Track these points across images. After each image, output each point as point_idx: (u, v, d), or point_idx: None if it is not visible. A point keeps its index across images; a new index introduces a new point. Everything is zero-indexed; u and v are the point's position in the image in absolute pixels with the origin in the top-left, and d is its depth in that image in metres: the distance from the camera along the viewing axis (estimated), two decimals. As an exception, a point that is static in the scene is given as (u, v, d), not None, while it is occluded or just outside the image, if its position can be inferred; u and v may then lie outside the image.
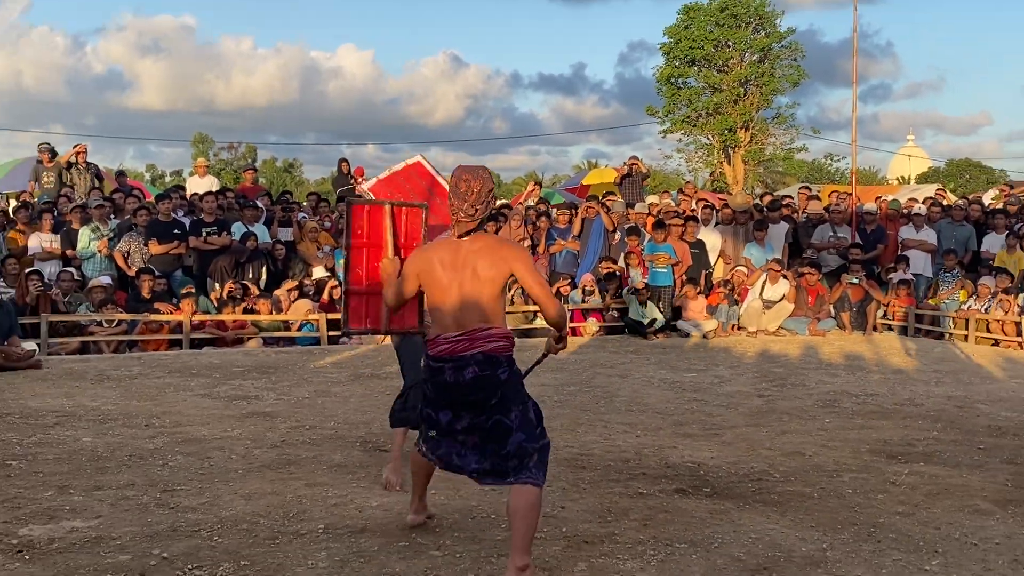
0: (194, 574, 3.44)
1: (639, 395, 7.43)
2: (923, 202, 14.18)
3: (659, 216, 12.61)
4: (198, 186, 13.54)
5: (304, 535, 3.88)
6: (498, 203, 12.03)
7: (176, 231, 11.14)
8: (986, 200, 15.05)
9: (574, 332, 11.46)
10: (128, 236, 10.96)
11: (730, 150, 33.53)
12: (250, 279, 11.06)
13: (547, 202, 14.44)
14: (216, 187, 13.51)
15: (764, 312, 11.70)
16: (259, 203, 12.19)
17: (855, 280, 11.96)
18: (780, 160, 36.31)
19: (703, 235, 12.51)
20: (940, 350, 10.48)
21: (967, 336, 11.12)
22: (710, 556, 3.69)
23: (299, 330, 10.71)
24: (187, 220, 11.50)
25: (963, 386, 7.95)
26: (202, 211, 11.52)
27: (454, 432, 3.47)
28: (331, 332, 10.68)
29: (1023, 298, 10.96)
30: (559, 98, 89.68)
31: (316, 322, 10.71)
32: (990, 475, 5.01)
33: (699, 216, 12.89)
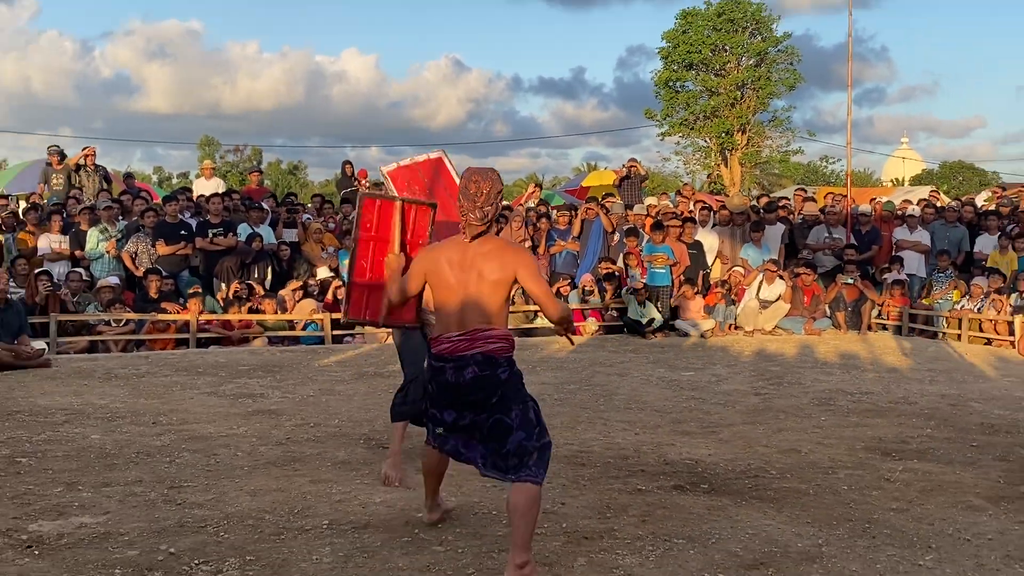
0: (200, 569, 3.45)
1: (638, 393, 7.44)
2: (917, 204, 14.16)
3: (657, 217, 12.63)
4: (204, 188, 13.50)
5: (308, 531, 3.90)
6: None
7: (183, 232, 11.18)
8: (979, 202, 15.00)
9: (574, 332, 11.59)
10: (136, 237, 10.99)
11: (727, 153, 33.52)
12: (255, 279, 11.10)
13: (547, 204, 14.43)
14: (222, 189, 13.45)
15: (761, 312, 11.71)
16: (264, 205, 12.24)
17: (850, 280, 11.99)
18: (776, 162, 36.21)
19: (701, 236, 12.53)
20: (934, 349, 10.52)
21: (960, 335, 11.14)
22: (708, 551, 3.71)
23: (304, 329, 10.73)
24: (194, 221, 11.52)
25: (956, 384, 7.99)
26: (208, 212, 11.57)
27: (459, 428, 3.51)
28: (335, 331, 10.71)
29: (1015, 298, 10.97)
30: (559, 102, 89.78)
31: (320, 321, 10.72)
32: (983, 472, 5.03)
33: (697, 217, 12.88)
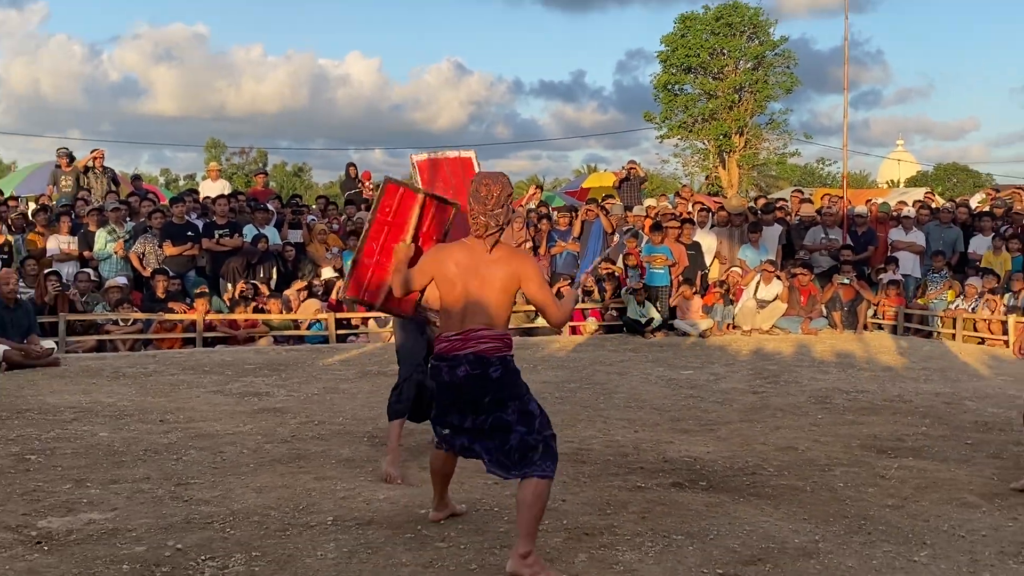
0: (207, 565, 3.47)
1: (637, 392, 7.48)
2: (912, 205, 14.20)
3: (656, 219, 12.66)
4: (211, 190, 13.55)
5: (313, 527, 3.92)
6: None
7: (189, 233, 11.24)
8: (973, 203, 14.99)
9: (574, 331, 11.71)
10: (143, 238, 11.04)
11: (725, 155, 33.63)
12: (261, 279, 11.15)
13: (548, 205, 14.43)
14: (228, 191, 13.53)
15: (758, 311, 11.78)
16: (270, 206, 12.28)
17: (846, 280, 12.04)
18: (773, 164, 36.31)
19: (699, 237, 12.58)
20: (928, 348, 10.58)
21: (955, 335, 11.18)
22: (706, 547, 3.74)
23: (308, 329, 10.78)
24: (200, 222, 11.58)
25: (951, 383, 8.02)
26: (215, 214, 11.61)
27: (464, 430, 3.54)
28: (339, 331, 10.80)
29: (1009, 298, 11.05)
30: (559, 104, 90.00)
31: (325, 321, 10.78)
32: (977, 469, 5.05)
33: (695, 218, 12.91)
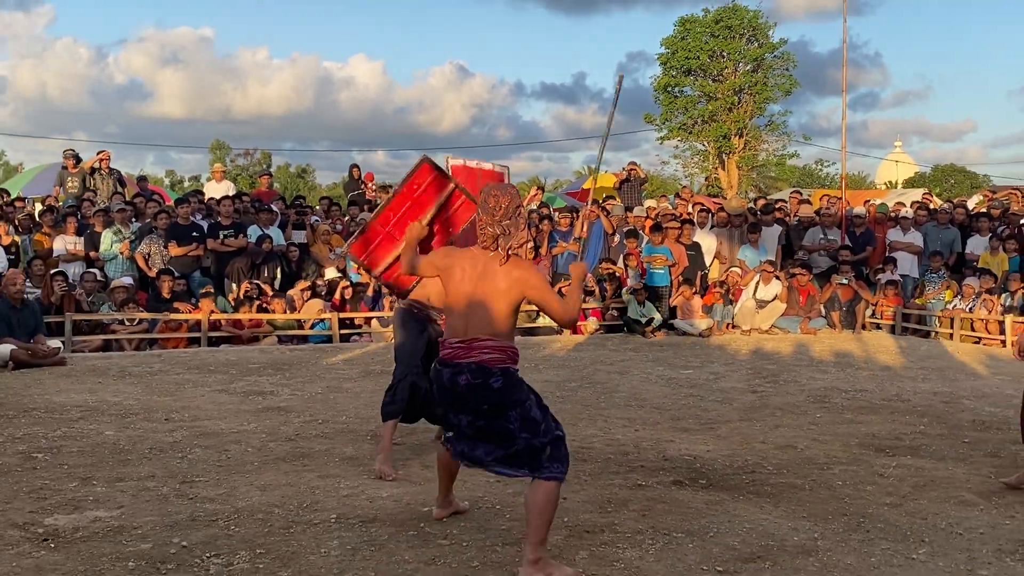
0: (212, 562, 3.48)
1: (638, 391, 7.51)
2: (910, 206, 14.26)
3: (657, 219, 12.77)
4: (215, 191, 13.60)
5: (317, 524, 3.93)
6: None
7: (194, 234, 11.29)
8: (971, 204, 15.11)
9: (575, 331, 11.81)
10: (149, 239, 11.07)
11: (724, 156, 33.71)
12: (265, 280, 11.17)
13: (549, 206, 14.49)
14: (233, 192, 13.52)
15: (757, 311, 11.85)
16: (274, 207, 12.30)
17: (845, 281, 12.12)
18: (773, 166, 36.37)
19: (699, 237, 12.66)
20: (926, 348, 10.64)
21: (952, 334, 11.26)
22: (706, 545, 3.75)
23: (312, 329, 10.83)
24: (205, 223, 11.64)
25: (948, 382, 8.07)
26: (219, 215, 11.70)
27: (466, 436, 3.54)
28: (343, 331, 10.88)
29: (1006, 298, 11.13)
30: (561, 106, 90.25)
31: (328, 320, 10.85)
32: (974, 468, 5.07)
33: (695, 219, 12.99)
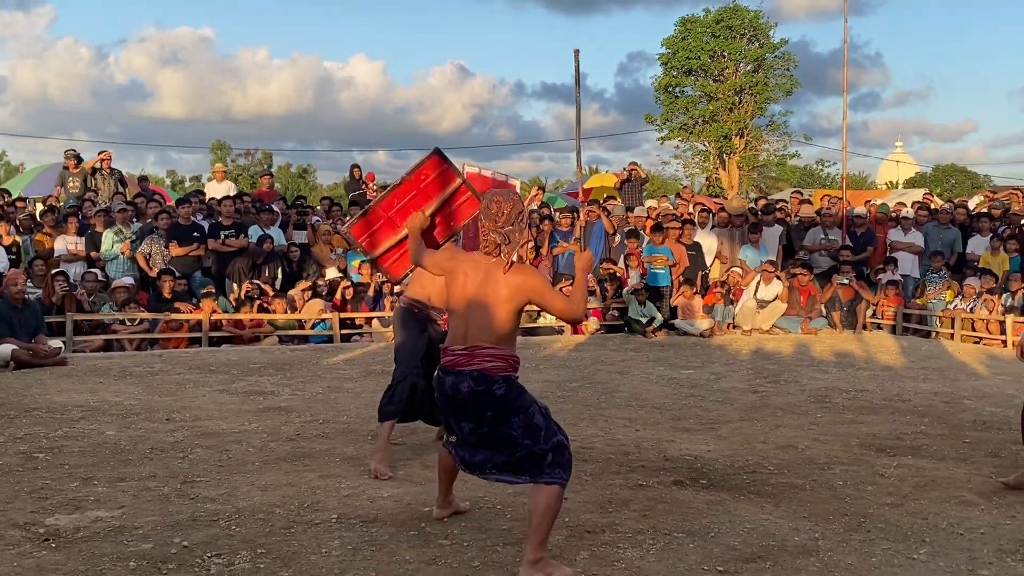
0: (213, 562, 3.48)
1: (638, 391, 7.51)
2: (911, 206, 14.25)
3: (657, 219, 12.78)
4: (216, 191, 13.63)
5: (318, 524, 3.94)
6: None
7: (195, 234, 11.32)
8: (971, 205, 15.09)
9: (576, 331, 11.81)
10: (150, 239, 11.10)
11: (725, 156, 33.75)
12: (266, 280, 11.20)
13: (550, 206, 14.53)
14: (233, 192, 13.56)
15: (758, 311, 11.85)
16: (275, 207, 12.35)
17: (845, 281, 12.12)
18: (773, 166, 36.40)
19: (700, 237, 12.67)
20: (927, 348, 10.63)
21: (953, 335, 11.26)
22: (707, 545, 3.76)
23: (313, 329, 10.85)
24: (206, 223, 11.66)
25: (949, 382, 8.06)
26: (220, 215, 11.71)
27: (468, 443, 3.55)
28: (343, 331, 10.88)
29: (1006, 298, 11.14)
30: (561, 106, 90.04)
31: (329, 320, 10.86)
32: (975, 468, 5.07)
33: (696, 219, 13.00)
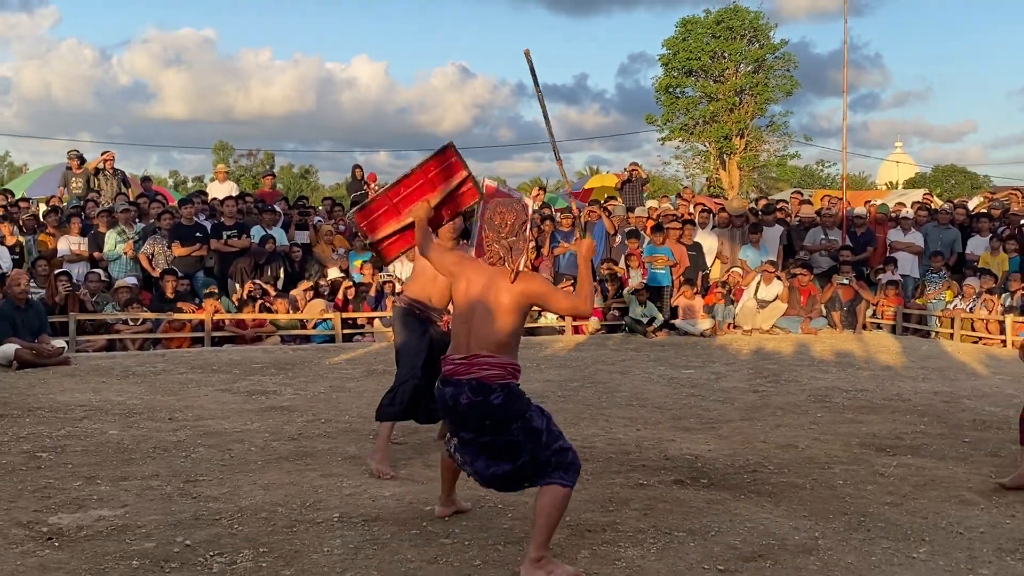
0: (216, 560, 3.50)
1: (639, 391, 7.52)
2: (911, 206, 14.31)
3: (658, 220, 12.82)
4: (219, 191, 13.63)
5: (320, 523, 3.95)
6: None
7: (198, 234, 11.34)
8: (971, 205, 15.11)
9: (577, 330, 11.86)
10: (152, 239, 11.13)
11: (726, 157, 33.73)
12: (268, 280, 11.23)
13: (551, 206, 14.55)
14: (236, 192, 13.56)
15: (759, 311, 11.87)
16: (277, 207, 12.40)
17: (845, 281, 12.15)
18: (774, 166, 36.39)
19: (700, 238, 12.70)
20: (927, 348, 10.65)
21: (952, 334, 11.28)
22: (707, 544, 3.76)
23: (315, 328, 10.87)
24: (208, 224, 11.69)
25: (949, 382, 8.08)
26: (223, 215, 11.74)
27: (468, 445, 3.56)
28: (345, 331, 10.91)
29: (1006, 298, 11.16)
30: (562, 107, 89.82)
31: (331, 320, 10.89)
32: (975, 467, 5.08)
33: (696, 220, 13.03)
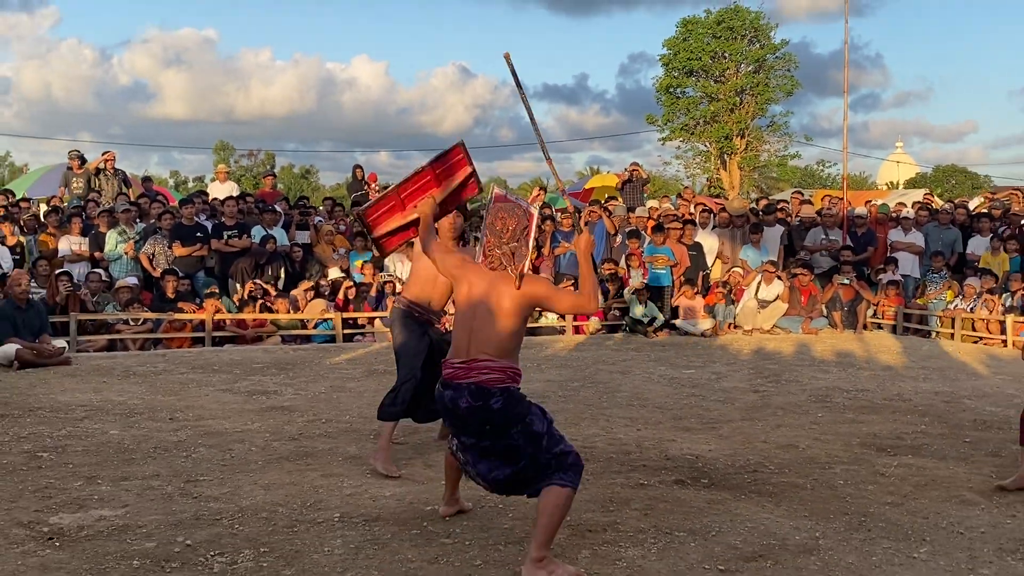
0: (216, 560, 3.50)
1: (640, 390, 7.52)
2: (911, 206, 14.29)
3: (659, 220, 12.83)
4: (219, 191, 13.63)
5: (321, 523, 3.96)
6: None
7: (199, 234, 11.33)
8: (971, 205, 15.14)
9: (577, 330, 11.86)
10: (153, 239, 11.12)
11: (726, 157, 33.78)
12: (269, 280, 11.22)
13: (551, 206, 14.50)
14: (237, 192, 13.57)
15: (759, 311, 11.85)
16: (277, 207, 12.39)
17: (846, 281, 12.13)
18: (774, 166, 36.45)
19: (701, 238, 12.70)
20: (927, 348, 10.65)
21: (953, 334, 11.29)
22: (708, 544, 3.77)
23: (315, 328, 10.86)
24: (209, 224, 11.68)
25: (949, 382, 8.08)
26: (223, 215, 11.74)
27: (470, 448, 3.58)
28: (346, 331, 10.91)
29: (1006, 298, 11.16)
30: (563, 107, 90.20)
31: (332, 320, 10.89)
32: (975, 467, 5.08)
33: (697, 220, 13.03)
